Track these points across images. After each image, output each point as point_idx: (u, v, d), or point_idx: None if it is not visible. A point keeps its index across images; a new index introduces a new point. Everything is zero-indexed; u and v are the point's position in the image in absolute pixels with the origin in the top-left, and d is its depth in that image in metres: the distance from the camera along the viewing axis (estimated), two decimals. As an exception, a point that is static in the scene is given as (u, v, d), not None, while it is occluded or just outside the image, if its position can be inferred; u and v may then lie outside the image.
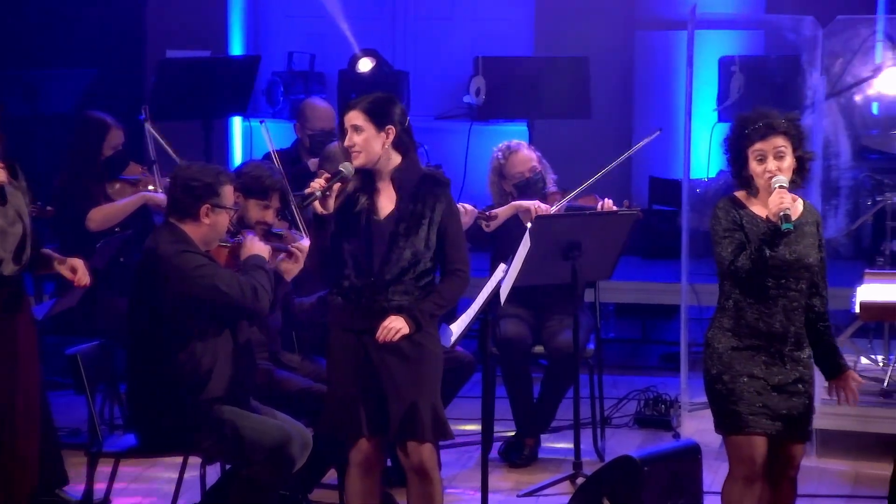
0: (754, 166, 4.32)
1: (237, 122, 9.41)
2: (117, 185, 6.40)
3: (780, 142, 4.30)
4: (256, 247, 4.82)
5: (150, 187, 6.37)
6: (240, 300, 4.63)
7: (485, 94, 8.01)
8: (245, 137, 9.22)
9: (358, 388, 4.49)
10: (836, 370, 4.38)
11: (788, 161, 4.32)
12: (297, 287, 5.36)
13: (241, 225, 5.18)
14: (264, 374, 5.15)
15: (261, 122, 5.97)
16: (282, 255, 5.00)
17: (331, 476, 5.31)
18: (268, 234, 5.23)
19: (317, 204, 4.43)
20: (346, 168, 4.48)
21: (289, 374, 5.28)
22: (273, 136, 6.16)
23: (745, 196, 4.37)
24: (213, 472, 5.02)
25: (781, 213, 4.21)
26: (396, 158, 4.52)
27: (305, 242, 5.17)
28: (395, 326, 4.43)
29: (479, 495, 5.30)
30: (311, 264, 4.61)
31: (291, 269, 4.99)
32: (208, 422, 4.66)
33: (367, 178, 4.51)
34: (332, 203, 4.45)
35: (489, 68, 8.03)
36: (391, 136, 4.49)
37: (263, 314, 4.79)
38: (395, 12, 9.66)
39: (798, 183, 4.36)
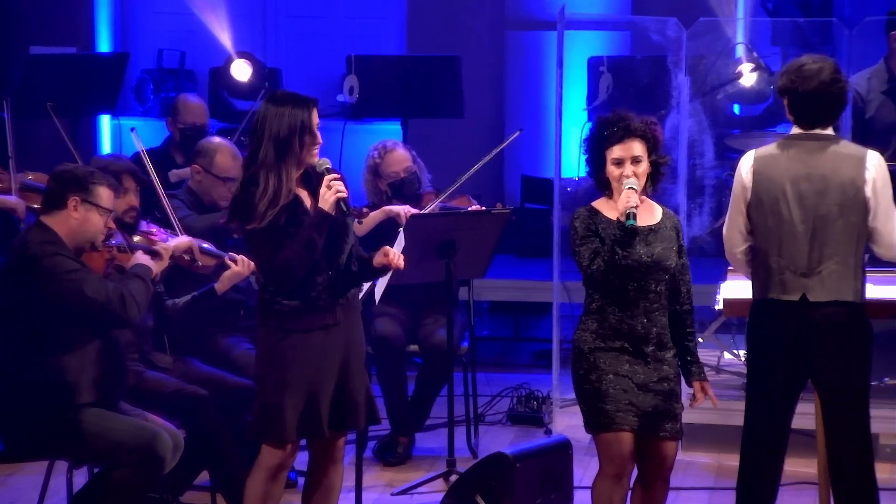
0: (612, 170, 4.40)
1: (105, 121, 9.24)
2: None
3: (638, 146, 4.39)
4: (145, 260, 4.76)
5: (1, 185, 6.20)
6: (105, 307, 4.56)
7: (358, 92, 8.01)
8: (114, 136, 9.07)
9: (321, 387, 4.43)
10: (688, 377, 4.49)
11: (644, 166, 4.41)
12: (168, 287, 5.29)
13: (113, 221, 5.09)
14: (134, 375, 5.09)
15: (131, 131, 5.87)
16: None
17: (203, 478, 5.27)
18: (135, 229, 5.14)
19: (334, 203, 4.35)
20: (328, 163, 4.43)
21: (160, 376, 5.22)
22: (144, 134, 6.07)
23: (603, 203, 4.46)
24: (80, 477, 4.93)
25: (626, 211, 4.30)
26: None
27: (176, 240, 5.10)
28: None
29: (353, 494, 5.32)
30: (284, 265, 4.34)
31: (156, 268, 4.91)
32: (75, 425, 4.59)
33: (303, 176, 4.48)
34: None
35: (362, 67, 8.04)
36: None
37: (130, 323, 4.71)
38: (266, 9, 9.59)
39: (652, 187, 4.46)
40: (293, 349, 4.41)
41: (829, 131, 4.54)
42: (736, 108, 8.24)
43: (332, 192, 4.37)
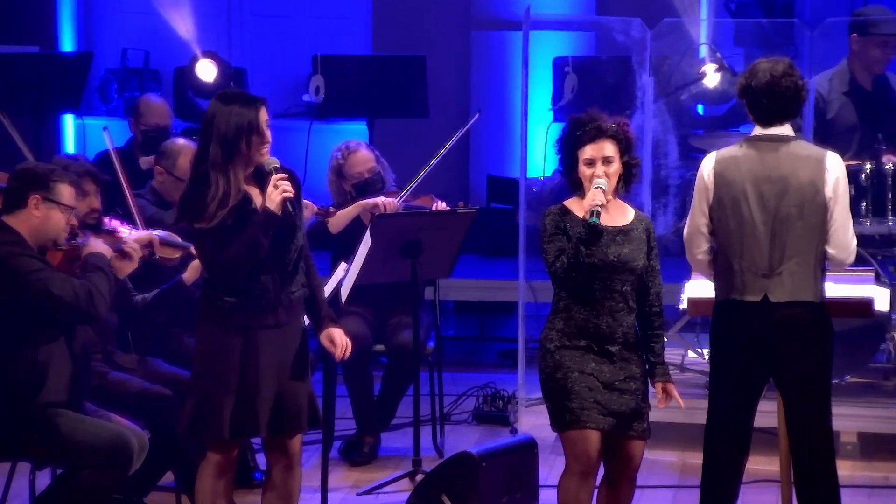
0: (583, 169, 4.42)
1: (69, 121, 9.19)
2: None
3: (609, 147, 4.41)
4: (98, 246, 4.73)
5: None
6: (73, 304, 4.54)
7: (324, 92, 8.00)
8: (78, 136, 9.02)
9: (259, 387, 4.42)
10: (651, 377, 4.50)
11: (616, 166, 4.42)
12: (137, 283, 5.26)
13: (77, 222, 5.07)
14: (98, 376, 5.06)
15: (104, 129, 5.84)
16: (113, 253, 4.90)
17: (167, 478, 5.25)
18: (99, 229, 5.12)
19: (280, 202, 4.35)
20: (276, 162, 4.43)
21: (125, 376, 5.19)
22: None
23: (574, 202, 4.47)
24: (43, 478, 4.90)
25: (591, 209, 4.33)
26: None
27: (136, 234, 5.07)
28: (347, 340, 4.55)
29: (318, 494, 5.32)
30: (228, 264, 4.36)
31: (125, 268, 4.89)
32: (38, 426, 4.57)
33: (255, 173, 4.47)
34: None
35: (328, 67, 8.04)
36: None
37: (99, 319, 4.69)
38: (231, 9, 9.57)
39: (624, 188, 4.48)
40: (233, 347, 4.41)
41: (787, 130, 4.57)
42: (700, 109, 8.29)
43: (278, 191, 4.37)
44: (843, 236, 4.52)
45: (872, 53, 6.51)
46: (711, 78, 7.43)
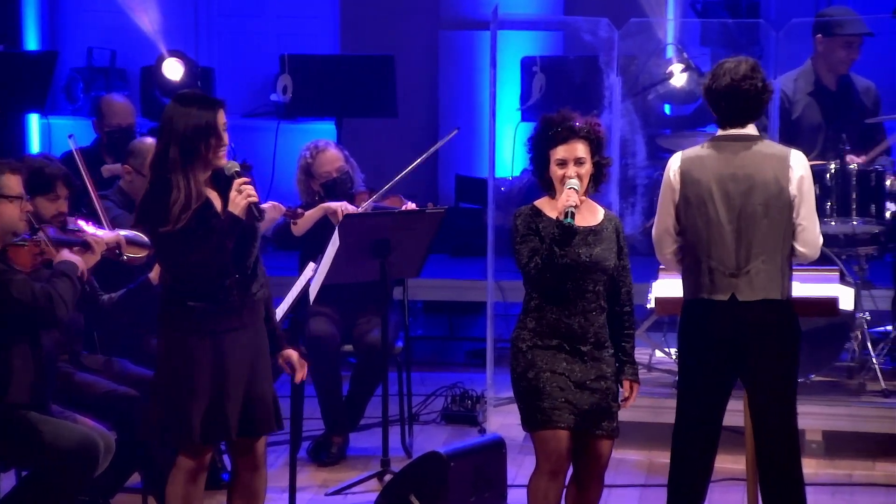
0: (555, 170, 4.43)
1: (34, 120, 9.13)
2: None
3: (581, 148, 4.42)
4: (71, 257, 4.70)
5: None
6: (31, 306, 4.51)
7: (292, 92, 7.99)
8: (43, 135, 8.97)
9: (228, 390, 4.41)
10: (619, 375, 4.50)
11: (587, 167, 4.44)
12: (103, 282, 5.23)
13: (39, 221, 5.03)
14: (64, 377, 5.04)
15: (69, 137, 5.80)
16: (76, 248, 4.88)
17: (134, 480, 5.23)
18: (64, 229, 5.10)
19: (245, 207, 4.34)
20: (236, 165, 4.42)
21: (92, 377, 5.17)
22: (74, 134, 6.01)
23: (545, 202, 4.48)
24: (8, 480, 4.87)
25: (565, 210, 4.33)
26: None
27: (103, 234, 5.05)
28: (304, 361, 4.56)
29: (286, 494, 5.31)
30: (194, 268, 4.34)
31: (88, 261, 4.85)
32: (3, 427, 4.54)
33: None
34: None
35: (296, 66, 8.02)
36: None
37: (59, 323, 4.66)
38: (198, 8, 9.53)
39: (594, 187, 4.49)
40: (201, 351, 4.39)
41: (751, 130, 4.60)
42: (667, 108, 8.33)
43: (243, 196, 4.35)
44: (812, 233, 4.55)
45: (836, 54, 6.57)
46: (678, 78, 7.48)
